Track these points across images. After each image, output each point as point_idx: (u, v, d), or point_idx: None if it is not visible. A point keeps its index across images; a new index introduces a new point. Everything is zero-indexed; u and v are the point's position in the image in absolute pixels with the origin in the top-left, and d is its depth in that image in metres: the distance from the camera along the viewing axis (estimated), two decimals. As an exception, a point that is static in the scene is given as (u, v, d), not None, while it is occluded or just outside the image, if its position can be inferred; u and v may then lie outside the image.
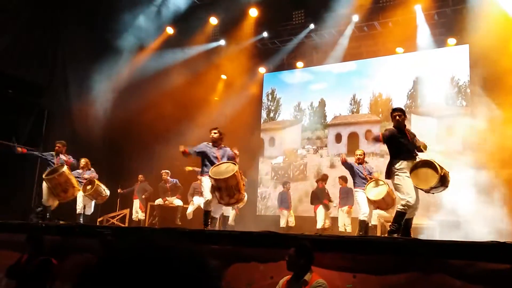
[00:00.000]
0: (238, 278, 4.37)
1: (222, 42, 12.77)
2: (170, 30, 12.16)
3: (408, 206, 5.07)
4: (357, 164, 7.56)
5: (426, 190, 5.20)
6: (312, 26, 11.73)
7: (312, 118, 12.81)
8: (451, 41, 10.78)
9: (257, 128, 13.52)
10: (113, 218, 10.93)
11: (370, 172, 7.53)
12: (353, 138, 11.98)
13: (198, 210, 9.31)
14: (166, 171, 10.35)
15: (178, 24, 12.02)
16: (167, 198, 10.35)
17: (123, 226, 10.42)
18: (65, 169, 7.48)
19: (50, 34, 10.60)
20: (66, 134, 9.56)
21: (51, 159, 7.78)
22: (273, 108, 13.64)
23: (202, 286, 0.71)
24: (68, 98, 10.94)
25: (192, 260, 0.72)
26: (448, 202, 8.94)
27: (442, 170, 5.07)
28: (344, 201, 9.02)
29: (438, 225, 8.36)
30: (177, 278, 0.69)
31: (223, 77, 13.68)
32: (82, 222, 8.21)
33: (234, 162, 6.16)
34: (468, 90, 10.45)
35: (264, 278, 4.24)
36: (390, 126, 5.63)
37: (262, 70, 13.65)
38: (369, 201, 7.13)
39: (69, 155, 7.99)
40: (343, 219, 8.95)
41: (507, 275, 3.31)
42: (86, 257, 5.04)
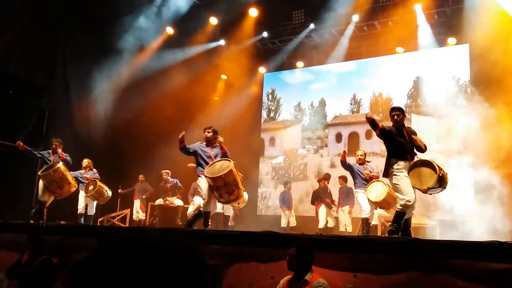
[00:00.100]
0: (239, 278, 4.37)
1: (222, 42, 12.77)
2: (170, 30, 12.16)
3: (407, 206, 5.03)
4: (358, 164, 7.55)
5: (424, 191, 5.14)
6: (312, 25, 11.74)
7: (312, 118, 12.81)
8: (451, 40, 10.78)
9: (257, 128, 13.52)
10: (113, 218, 10.93)
11: (371, 172, 7.53)
12: (353, 138, 11.98)
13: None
14: (167, 171, 10.35)
15: (178, 24, 12.02)
16: (168, 198, 10.35)
17: (124, 226, 10.43)
18: (60, 165, 7.44)
19: (50, 34, 10.60)
20: (67, 134, 9.58)
21: (48, 157, 7.78)
22: (273, 108, 13.64)
23: (201, 285, 0.71)
24: (68, 98, 10.94)
25: (190, 259, 0.72)
26: (448, 202, 8.94)
27: (440, 170, 5.03)
28: (344, 201, 9.01)
29: (439, 224, 8.35)
30: (175, 278, 0.68)
31: (223, 77, 13.68)
32: (83, 222, 8.23)
33: (228, 159, 6.06)
34: (468, 90, 10.45)
35: (264, 278, 4.24)
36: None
37: (262, 70, 13.65)
38: (370, 201, 7.14)
39: (66, 154, 7.96)
40: (344, 219, 8.94)
41: (509, 275, 3.31)
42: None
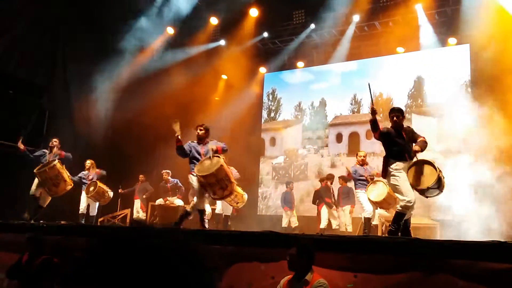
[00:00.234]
0: (239, 278, 4.37)
1: (222, 42, 12.78)
2: (170, 31, 12.16)
3: (407, 207, 4.98)
4: (359, 165, 7.58)
5: (422, 191, 5.06)
6: (312, 26, 11.74)
7: (312, 118, 12.81)
8: (452, 40, 10.78)
9: (257, 128, 13.52)
10: (114, 218, 10.93)
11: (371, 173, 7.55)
12: (354, 138, 11.98)
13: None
14: (167, 171, 10.35)
15: (178, 24, 12.02)
16: (168, 198, 10.35)
17: (123, 225, 10.43)
18: (56, 163, 7.41)
19: (50, 34, 10.61)
20: (67, 134, 9.57)
21: (44, 155, 7.74)
22: (273, 108, 13.63)
23: (199, 284, 0.70)
24: (69, 98, 10.95)
25: (188, 258, 0.71)
26: (449, 202, 8.93)
27: (439, 171, 4.99)
28: (345, 201, 9.01)
29: (439, 224, 8.35)
30: (173, 276, 0.68)
31: (224, 77, 13.69)
32: (83, 222, 8.24)
33: (217, 155, 5.95)
34: (469, 90, 10.44)
35: (265, 278, 4.24)
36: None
37: (262, 70, 13.65)
38: (370, 201, 7.15)
39: (67, 153, 7.93)
40: (344, 219, 8.94)
41: (509, 275, 3.30)
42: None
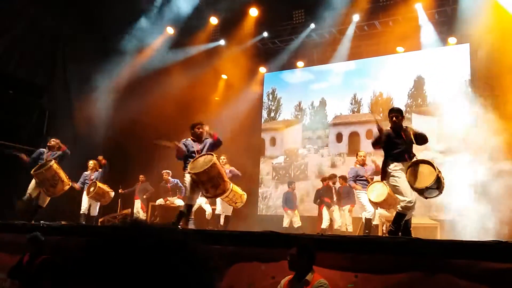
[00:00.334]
0: (240, 278, 4.37)
1: (222, 42, 12.77)
2: (170, 30, 12.16)
3: (408, 208, 4.94)
4: (359, 165, 7.59)
5: (421, 190, 5.01)
6: (312, 25, 11.74)
7: (313, 117, 12.81)
8: (452, 40, 10.77)
9: (258, 128, 13.52)
10: (114, 218, 10.93)
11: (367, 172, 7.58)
12: (354, 137, 11.98)
13: (200, 210, 9.31)
14: (167, 171, 10.34)
15: (178, 24, 12.02)
16: (168, 198, 10.34)
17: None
18: (52, 163, 7.36)
19: (50, 34, 10.61)
20: (67, 134, 9.57)
21: (41, 155, 7.68)
22: (273, 107, 13.63)
23: (199, 284, 0.70)
24: (69, 98, 10.95)
25: (188, 257, 0.71)
26: (449, 202, 8.94)
27: (439, 171, 4.95)
28: (345, 200, 9.00)
29: (439, 224, 8.35)
30: (173, 277, 0.68)
31: (224, 77, 13.68)
32: (84, 222, 8.26)
33: (211, 153, 5.92)
34: (469, 89, 10.43)
35: (265, 278, 4.24)
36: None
37: (262, 69, 13.65)
38: (371, 202, 7.16)
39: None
40: (345, 219, 8.94)
41: (510, 275, 3.30)
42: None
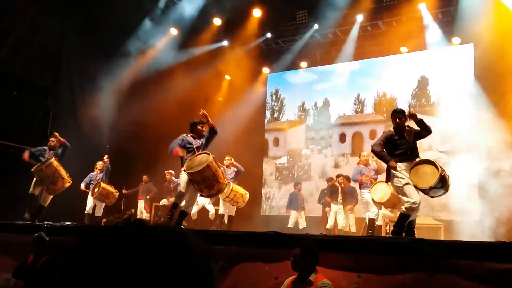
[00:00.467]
0: (243, 278, 4.38)
1: (225, 42, 12.78)
2: (174, 31, 12.19)
3: (412, 209, 4.92)
4: (363, 165, 7.59)
5: (426, 190, 5.01)
6: (316, 26, 11.73)
7: (316, 118, 12.80)
8: (456, 40, 10.73)
9: (261, 128, 13.52)
10: (117, 218, 10.96)
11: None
12: (357, 138, 11.96)
13: (203, 210, 9.32)
14: (170, 172, 10.36)
15: (182, 25, 12.05)
16: (171, 198, 10.36)
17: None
18: (52, 160, 7.38)
19: (55, 36, 10.65)
20: (71, 135, 9.60)
21: (44, 153, 7.68)
22: (277, 108, 13.63)
23: (199, 283, 0.70)
24: (73, 99, 10.99)
25: (188, 256, 0.70)
26: (453, 202, 8.91)
27: (442, 170, 4.95)
28: (349, 200, 8.98)
29: (443, 225, 8.32)
30: (173, 275, 0.67)
31: (227, 77, 13.70)
32: (87, 222, 8.30)
33: (208, 153, 5.82)
34: (472, 89, 10.38)
35: (268, 278, 4.24)
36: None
37: (266, 70, 13.65)
38: (374, 202, 7.15)
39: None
40: (348, 219, 8.91)
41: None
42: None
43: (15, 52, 9.69)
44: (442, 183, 4.95)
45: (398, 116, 5.32)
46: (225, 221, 8.51)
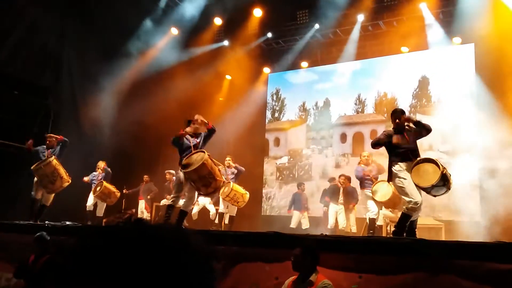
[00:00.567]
0: (243, 279, 4.37)
1: (226, 42, 12.78)
2: (174, 31, 12.19)
3: (413, 209, 4.90)
4: (364, 165, 7.58)
5: (428, 189, 4.99)
6: (316, 26, 11.72)
7: (317, 118, 12.79)
8: (456, 40, 10.72)
9: (262, 128, 13.51)
10: (118, 218, 10.97)
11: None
12: (358, 138, 11.95)
13: (203, 211, 9.33)
14: (170, 171, 10.35)
15: (182, 25, 12.05)
16: (172, 198, 10.36)
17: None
18: (52, 159, 7.36)
19: (56, 36, 10.66)
20: (72, 135, 9.60)
21: (42, 152, 7.69)
22: (277, 108, 13.63)
23: (200, 283, 0.69)
24: (74, 99, 11.00)
25: (189, 255, 0.70)
26: (454, 202, 8.91)
27: (444, 168, 4.93)
28: (349, 200, 8.98)
29: (444, 225, 8.31)
30: (173, 274, 0.67)
31: (228, 77, 13.70)
32: (89, 222, 8.35)
33: (203, 150, 5.77)
34: (473, 89, 10.38)
35: (269, 278, 4.24)
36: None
37: (266, 70, 13.65)
38: (375, 201, 7.15)
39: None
40: (348, 219, 8.91)
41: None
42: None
43: (16, 52, 9.70)
44: (444, 181, 4.93)
45: (398, 116, 5.32)
46: (225, 221, 8.51)
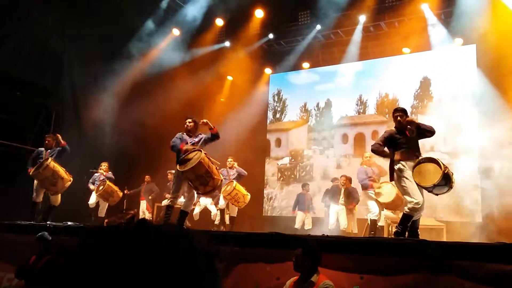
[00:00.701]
0: (245, 279, 4.37)
1: (228, 43, 12.79)
2: (176, 32, 12.20)
3: (415, 209, 4.90)
4: (366, 166, 7.58)
5: (430, 188, 4.97)
6: (318, 26, 11.72)
7: (318, 118, 12.79)
8: (458, 41, 10.72)
9: (263, 129, 13.52)
10: (120, 218, 10.97)
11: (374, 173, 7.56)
12: (359, 138, 11.94)
13: (205, 211, 9.33)
14: (172, 172, 10.34)
15: (184, 26, 12.06)
16: (173, 198, 10.37)
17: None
18: (49, 161, 7.26)
19: (57, 36, 10.68)
20: (74, 135, 9.64)
21: (41, 155, 7.61)
22: (279, 109, 13.63)
23: (202, 283, 0.68)
24: (75, 100, 11.01)
25: (192, 255, 0.70)
26: (455, 203, 8.90)
27: (445, 168, 4.91)
28: (349, 200, 8.97)
29: (445, 226, 8.30)
30: (177, 275, 0.66)
31: (229, 78, 13.70)
32: (93, 218, 8.42)
33: (200, 149, 5.74)
34: (475, 90, 10.37)
35: (270, 279, 4.24)
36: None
37: (268, 71, 13.66)
38: (377, 202, 7.14)
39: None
40: (349, 219, 8.90)
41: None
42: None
43: (18, 52, 9.72)
44: (446, 181, 4.92)
45: (399, 114, 5.31)
46: (226, 221, 8.52)
